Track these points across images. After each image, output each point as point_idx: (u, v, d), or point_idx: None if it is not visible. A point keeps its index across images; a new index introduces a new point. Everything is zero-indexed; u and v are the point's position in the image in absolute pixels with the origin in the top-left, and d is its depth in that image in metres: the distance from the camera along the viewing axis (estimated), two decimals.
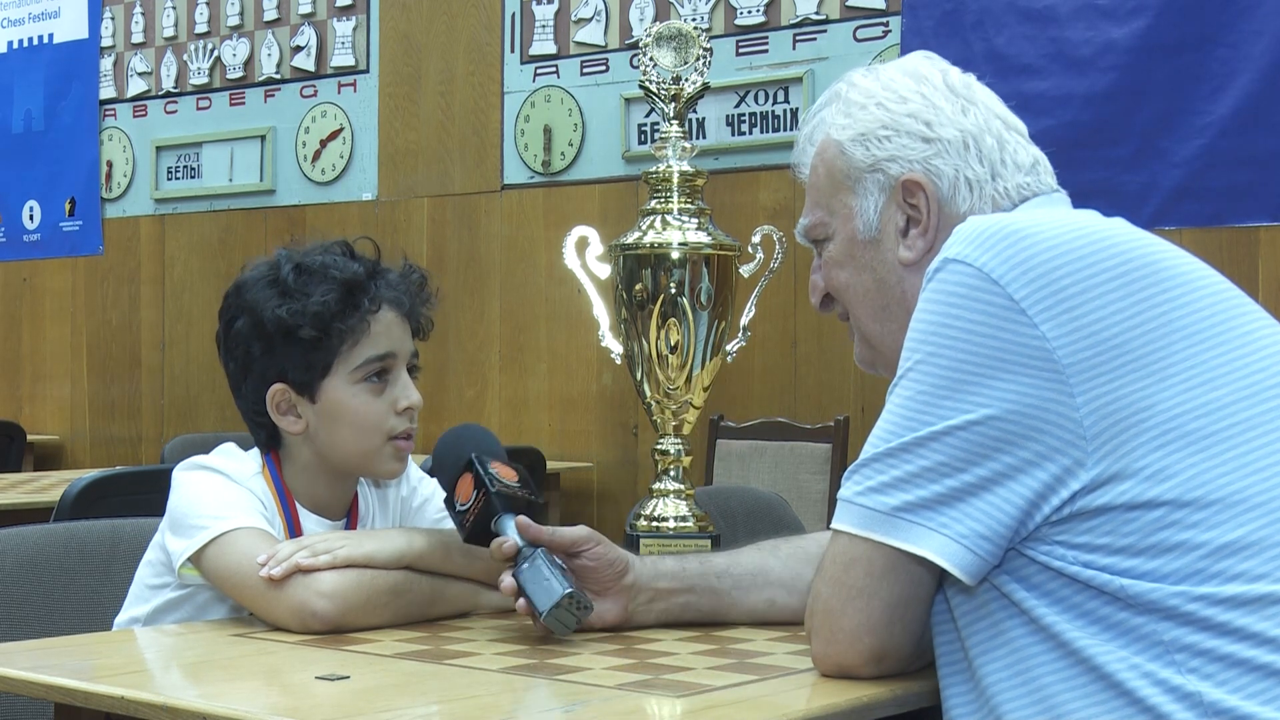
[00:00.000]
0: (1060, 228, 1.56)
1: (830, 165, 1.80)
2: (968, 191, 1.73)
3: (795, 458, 5.07)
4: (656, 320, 2.35)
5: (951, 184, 1.73)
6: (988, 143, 1.74)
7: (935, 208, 1.73)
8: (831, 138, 1.80)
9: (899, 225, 1.75)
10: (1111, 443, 1.48)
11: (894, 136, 1.75)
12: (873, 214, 1.76)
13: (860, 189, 1.77)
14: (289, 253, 2.11)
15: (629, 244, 2.38)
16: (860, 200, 1.77)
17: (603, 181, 5.99)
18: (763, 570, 1.98)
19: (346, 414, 2.07)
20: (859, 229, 1.77)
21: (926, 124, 1.75)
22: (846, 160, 1.78)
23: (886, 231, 1.76)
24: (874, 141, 1.76)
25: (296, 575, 1.88)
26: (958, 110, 1.76)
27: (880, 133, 1.76)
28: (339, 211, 6.65)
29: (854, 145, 1.77)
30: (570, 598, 1.80)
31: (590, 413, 6.00)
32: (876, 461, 1.55)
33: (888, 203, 1.76)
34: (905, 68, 1.81)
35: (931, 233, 1.72)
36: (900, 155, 1.75)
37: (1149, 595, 1.46)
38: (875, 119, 1.77)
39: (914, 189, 1.74)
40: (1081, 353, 1.49)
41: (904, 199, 1.74)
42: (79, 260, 7.47)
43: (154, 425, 7.15)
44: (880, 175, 1.76)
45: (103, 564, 2.35)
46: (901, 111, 1.76)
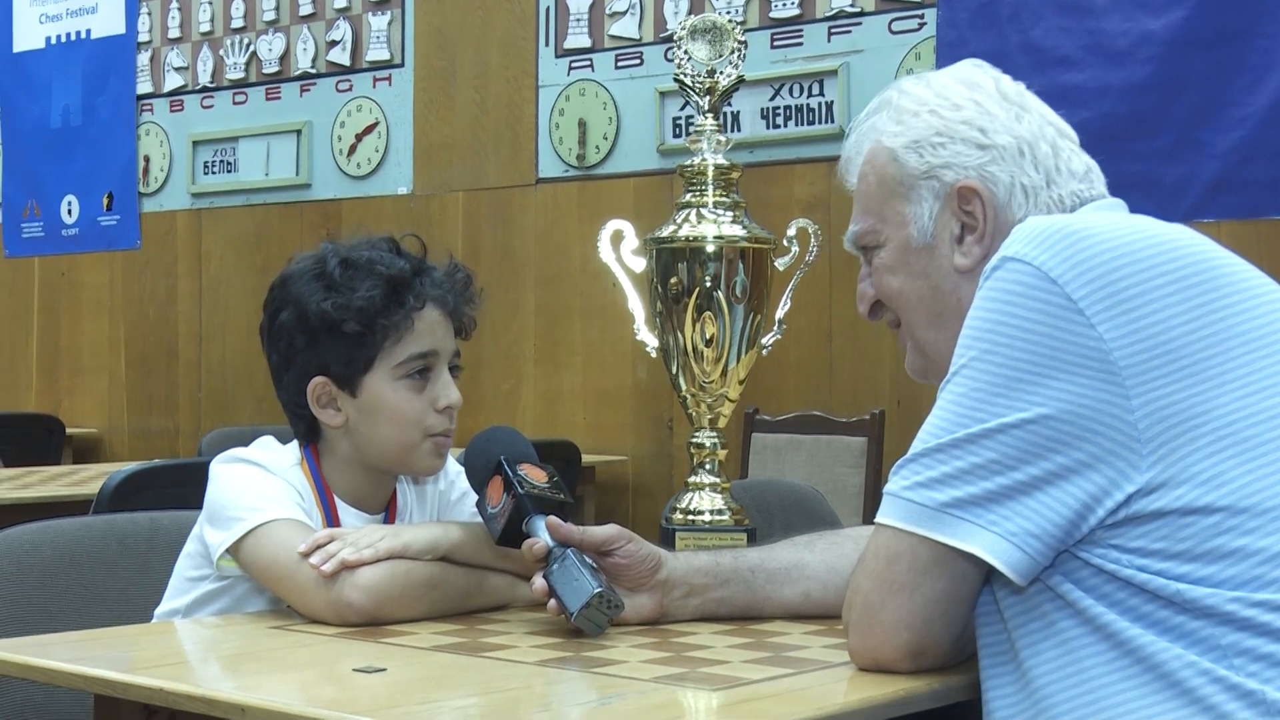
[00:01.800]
0: (1120, 229, 1.55)
1: (882, 172, 1.79)
2: (1023, 198, 1.72)
3: (831, 451, 5.06)
4: (692, 314, 2.35)
5: (1007, 190, 1.73)
6: (1042, 149, 1.74)
7: (991, 214, 1.72)
8: (883, 145, 1.79)
9: (954, 232, 1.74)
10: (1166, 447, 1.47)
11: (948, 143, 1.75)
12: (927, 220, 1.75)
13: (914, 196, 1.76)
14: (335, 247, 2.12)
15: (664, 237, 2.38)
16: (914, 207, 1.76)
17: (637, 175, 5.99)
18: (798, 564, 1.98)
19: (386, 410, 2.08)
20: (913, 236, 1.76)
21: (981, 130, 1.74)
22: (899, 167, 1.77)
23: (941, 238, 1.75)
24: (928, 148, 1.75)
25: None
26: (1012, 117, 1.75)
27: (934, 139, 1.75)
28: (374, 205, 6.66)
29: (907, 152, 1.77)
30: (600, 597, 1.80)
31: (625, 406, 6.00)
32: (926, 456, 1.54)
33: (942, 209, 1.75)
34: (957, 75, 1.81)
35: (987, 239, 1.72)
36: (955, 162, 1.74)
37: (1205, 600, 1.46)
38: (929, 126, 1.76)
39: (970, 195, 1.73)
40: (1138, 355, 1.48)
41: (959, 206, 1.74)
42: (116, 254, 7.51)
43: (191, 418, 7.19)
44: (935, 182, 1.75)
45: (141, 556, 2.36)
46: (956, 118, 1.75)
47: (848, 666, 1.64)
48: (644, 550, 1.92)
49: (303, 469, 2.11)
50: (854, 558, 1.69)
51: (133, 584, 2.34)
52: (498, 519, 1.93)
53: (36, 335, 7.85)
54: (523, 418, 6.17)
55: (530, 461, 1.97)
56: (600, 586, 1.81)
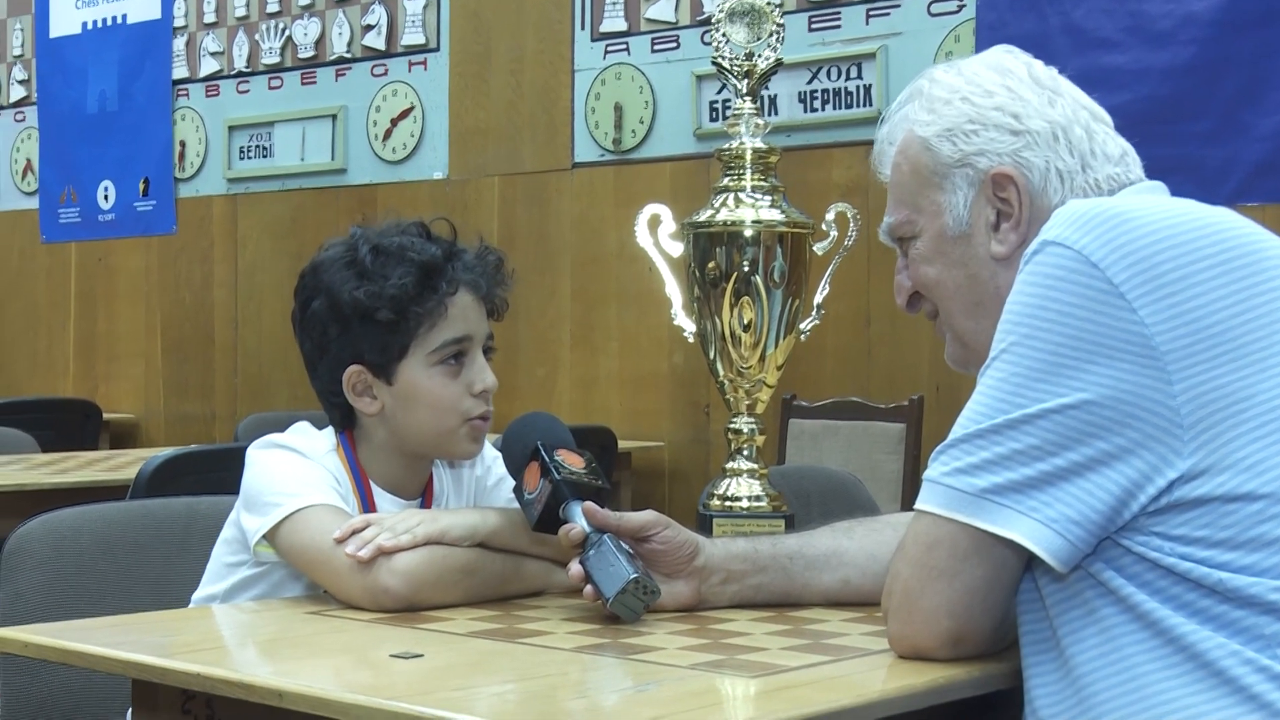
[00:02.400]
0: (1161, 212, 1.54)
1: (915, 162, 1.78)
2: (1059, 183, 1.72)
3: (869, 437, 5.06)
4: (729, 298, 2.34)
5: (1042, 176, 1.72)
6: (1076, 133, 1.73)
7: (1027, 200, 1.72)
8: (915, 134, 1.79)
9: (989, 220, 1.74)
10: (1208, 433, 1.46)
11: (981, 130, 1.74)
12: (962, 209, 1.75)
13: (948, 184, 1.76)
14: (365, 233, 2.12)
15: (701, 222, 2.38)
16: (949, 196, 1.76)
17: (674, 159, 5.98)
18: (836, 551, 1.98)
19: (423, 396, 2.08)
20: (948, 225, 1.76)
21: (1014, 116, 1.73)
22: (933, 156, 1.76)
23: (977, 226, 1.74)
24: (961, 136, 1.75)
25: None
26: (1044, 102, 1.74)
27: (967, 127, 1.75)
28: (410, 190, 6.67)
29: (940, 141, 1.76)
30: (636, 583, 1.80)
31: (662, 392, 6.00)
32: (966, 442, 1.54)
33: (977, 197, 1.74)
34: (988, 61, 1.80)
35: (1024, 226, 1.71)
36: (989, 149, 1.73)
37: (1249, 590, 1.45)
38: (961, 113, 1.75)
39: (1004, 182, 1.72)
40: (1180, 340, 1.47)
41: (994, 193, 1.73)
42: (153, 240, 7.55)
43: (227, 404, 7.22)
44: (969, 170, 1.74)
45: (178, 541, 2.37)
46: (988, 105, 1.75)
47: (887, 654, 1.64)
48: (681, 536, 1.92)
49: (339, 455, 2.11)
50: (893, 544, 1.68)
51: (170, 569, 2.35)
52: (534, 505, 1.93)
53: (73, 321, 7.90)
54: (559, 403, 6.18)
55: (567, 447, 1.98)
56: (637, 572, 1.81)
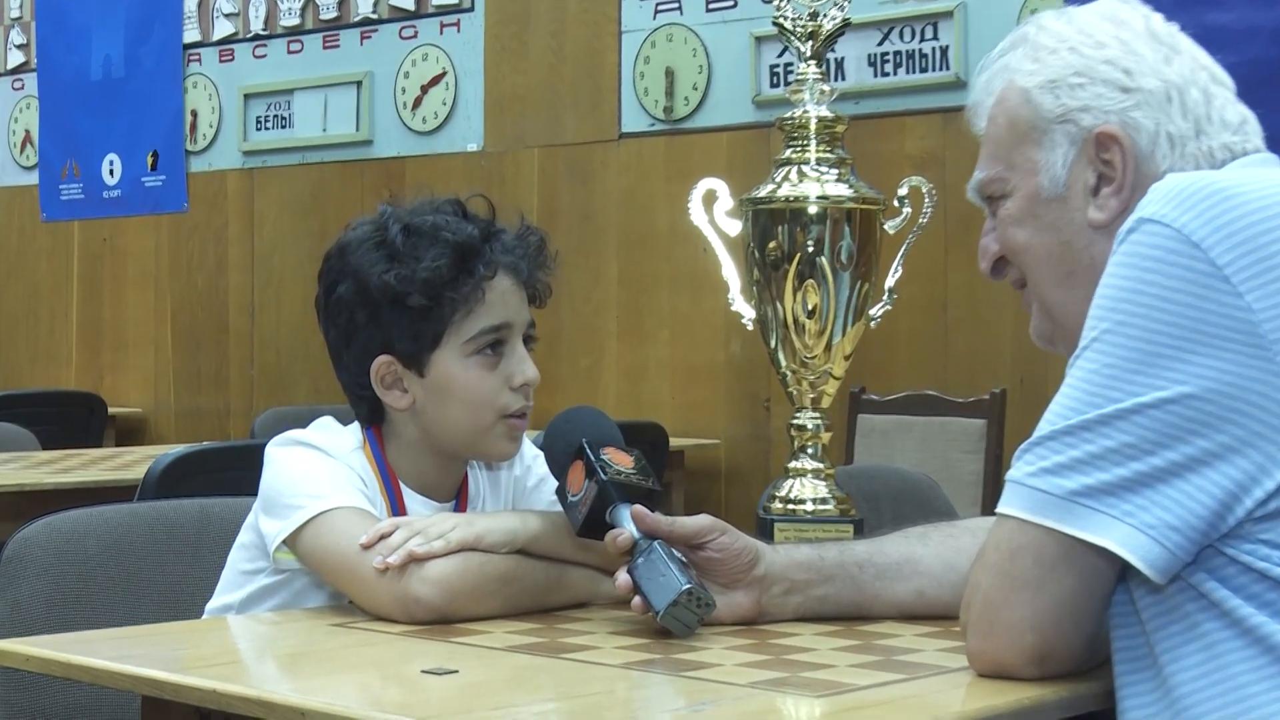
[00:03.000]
0: (1269, 188, 1.53)
1: (1013, 114, 1.78)
2: (1168, 148, 1.71)
3: (945, 434, 5.04)
4: (792, 282, 2.35)
5: (1151, 139, 1.71)
6: (1193, 96, 1.72)
7: (1132, 164, 1.71)
8: (1016, 84, 1.78)
9: (1089, 183, 1.73)
10: None
11: (1088, 84, 1.73)
12: (1060, 169, 1.74)
13: (1047, 141, 1.75)
14: (395, 211, 2.13)
15: (761, 198, 2.38)
16: (1046, 153, 1.75)
17: (731, 129, 5.98)
18: (910, 559, 1.98)
19: (457, 389, 2.09)
20: (1043, 185, 1.75)
21: (1125, 72, 1.72)
22: (1032, 109, 1.76)
23: (1075, 189, 1.74)
24: (1065, 89, 1.74)
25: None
26: (1160, 59, 1.73)
27: (1073, 80, 1.74)
28: (441, 164, 6.70)
29: (1042, 93, 1.75)
30: (689, 594, 1.80)
31: (717, 384, 6.00)
32: (1053, 440, 1.53)
33: (1078, 157, 1.73)
34: (1101, 11, 1.79)
35: (1126, 192, 1.70)
36: (1094, 105, 1.72)
37: None
38: (1067, 64, 1.74)
39: (1109, 143, 1.71)
40: None
41: (1096, 154, 1.72)
42: (162, 218, 7.60)
43: (243, 397, 7.27)
44: (1071, 126, 1.74)
45: (191, 547, 2.39)
46: (1098, 57, 1.74)
47: (966, 672, 1.64)
48: (739, 543, 1.92)
49: (365, 453, 2.13)
50: (972, 552, 1.68)
51: (182, 577, 2.37)
52: (579, 508, 1.94)
53: (76, 306, 7.96)
54: (604, 397, 6.19)
55: (615, 445, 1.98)
56: (690, 582, 1.82)
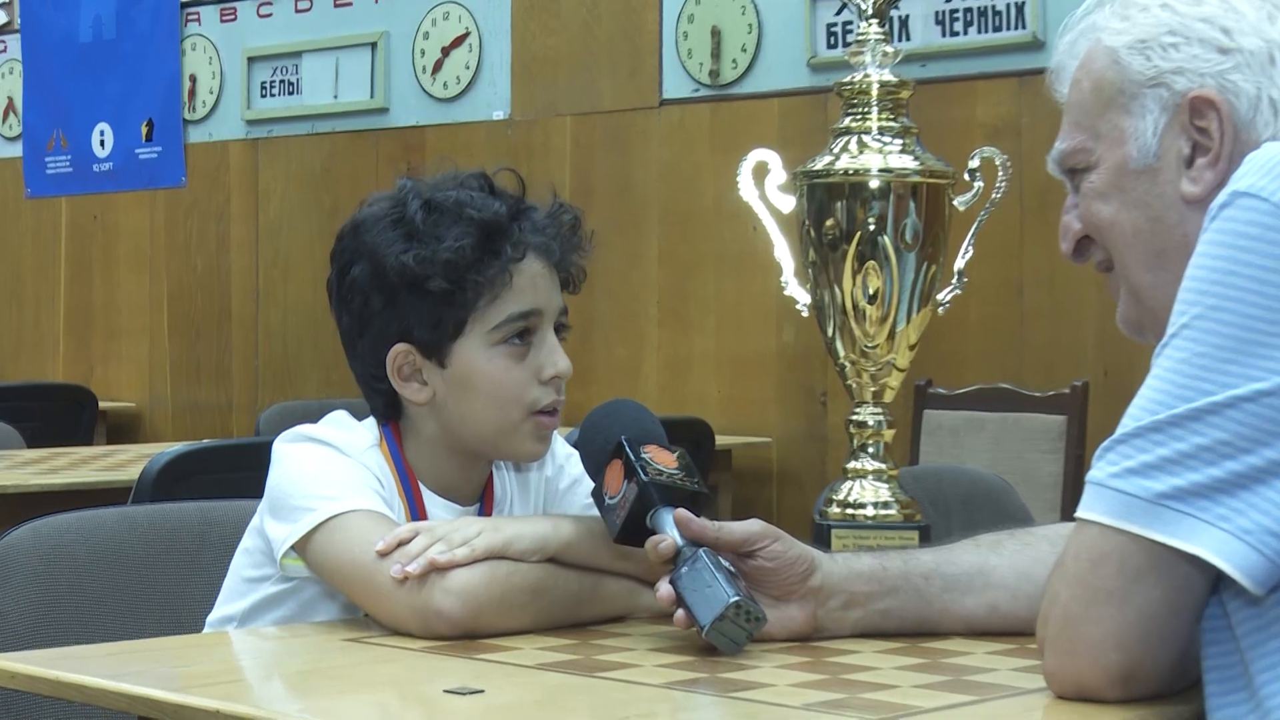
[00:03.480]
0: None
1: (1099, 78, 1.78)
2: (1271, 115, 1.70)
3: (1021, 432, 5.04)
4: (852, 263, 2.35)
5: (1252, 104, 1.70)
6: None
7: (1230, 132, 1.70)
8: (1103, 44, 1.77)
9: (1183, 153, 1.72)
10: None
11: (1183, 44, 1.73)
12: (1150, 137, 1.74)
13: (1136, 106, 1.74)
14: (416, 185, 2.14)
15: (818, 171, 2.38)
16: (1135, 120, 1.74)
17: (784, 94, 5.97)
18: (982, 569, 1.98)
19: (481, 382, 2.10)
20: (1132, 155, 1.75)
21: (1224, 31, 1.72)
22: (1121, 71, 1.75)
23: (1167, 160, 1.73)
24: (1157, 50, 1.74)
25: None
26: (1263, 17, 1.73)
27: (1166, 39, 1.73)
28: (464, 133, 6.71)
29: (1131, 53, 1.75)
30: (737, 608, 1.81)
31: (769, 376, 6.01)
32: (1139, 437, 1.53)
33: (1170, 124, 1.73)
34: None
35: (1223, 163, 1.70)
36: (1189, 67, 1.72)
37: None
38: (1160, 23, 1.74)
39: (1204, 108, 1.71)
40: None
41: (1191, 120, 1.72)
42: (158, 194, 7.64)
43: (247, 390, 7.30)
44: (1163, 90, 1.73)
45: (190, 553, 2.41)
46: (1194, 15, 1.73)
47: (1043, 694, 1.64)
48: (793, 551, 1.93)
49: (382, 451, 2.14)
50: (1049, 562, 1.68)
51: (180, 587, 2.39)
52: (617, 511, 1.95)
53: (64, 291, 8.01)
54: (644, 390, 6.20)
55: (657, 443, 1.98)
56: (738, 594, 1.82)
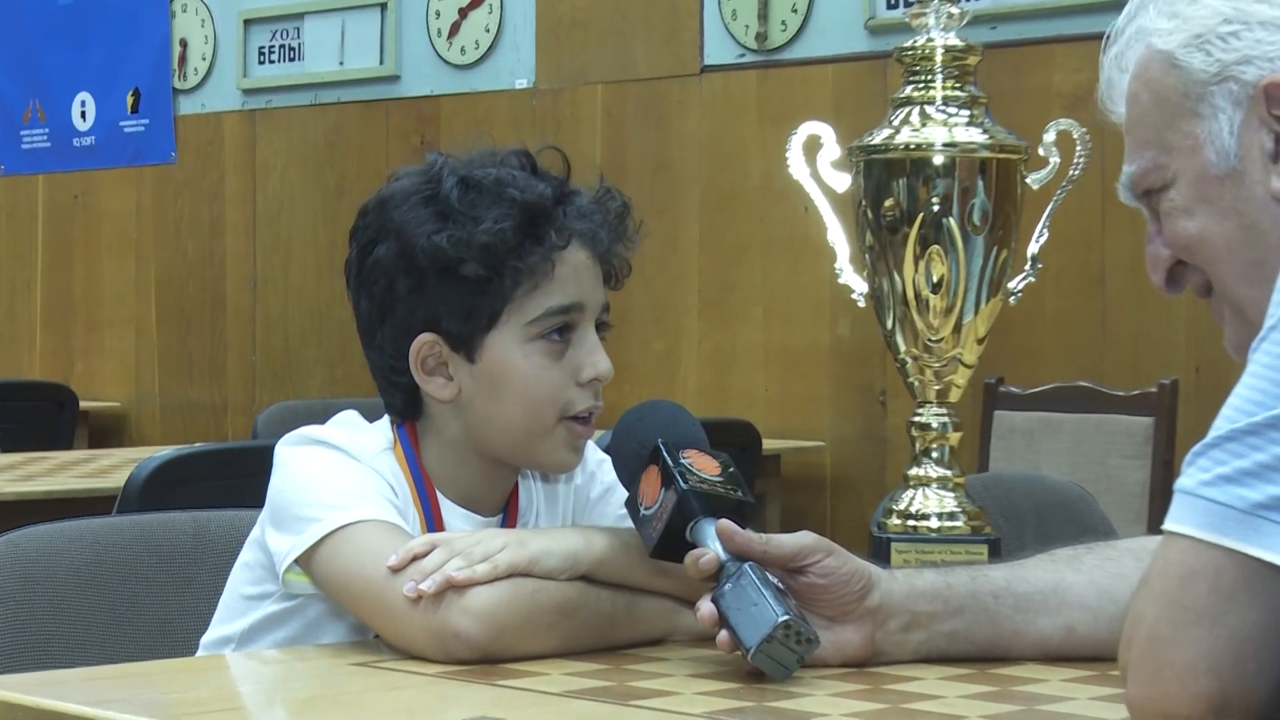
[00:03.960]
0: None
1: (1158, 87, 1.77)
2: None
3: (1103, 435, 5.03)
4: (913, 248, 2.35)
5: None
6: None
7: None
8: (1155, 49, 1.77)
9: (1266, 147, 1.72)
10: None
11: (1243, 31, 1.72)
12: (1228, 137, 1.73)
13: (1205, 108, 1.74)
14: (451, 161, 2.15)
15: (876, 145, 2.39)
16: (1207, 123, 1.74)
17: (839, 60, 5.97)
18: (1058, 587, 1.98)
19: (513, 380, 2.11)
20: (1210, 161, 1.74)
21: None
22: (1181, 75, 1.75)
23: (1249, 158, 1.73)
24: (1216, 42, 1.73)
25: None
26: None
27: (1223, 29, 1.73)
28: (483, 104, 6.72)
29: (1189, 52, 1.75)
30: (787, 628, 1.81)
31: (821, 373, 6.00)
32: (1234, 441, 1.53)
33: (1246, 119, 1.72)
34: None
35: None
36: (1255, 53, 1.72)
37: None
38: (1214, 13, 1.74)
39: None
40: None
41: (1269, 110, 1.71)
42: (145, 171, 7.66)
43: (243, 388, 7.32)
44: (1231, 85, 1.73)
45: (183, 569, 2.42)
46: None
47: None
48: (849, 567, 1.93)
49: (396, 455, 2.15)
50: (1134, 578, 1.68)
51: (172, 605, 2.40)
52: (653, 523, 1.95)
53: (41, 278, 8.04)
54: (683, 389, 6.20)
55: (697, 447, 1.99)
56: (788, 614, 1.83)
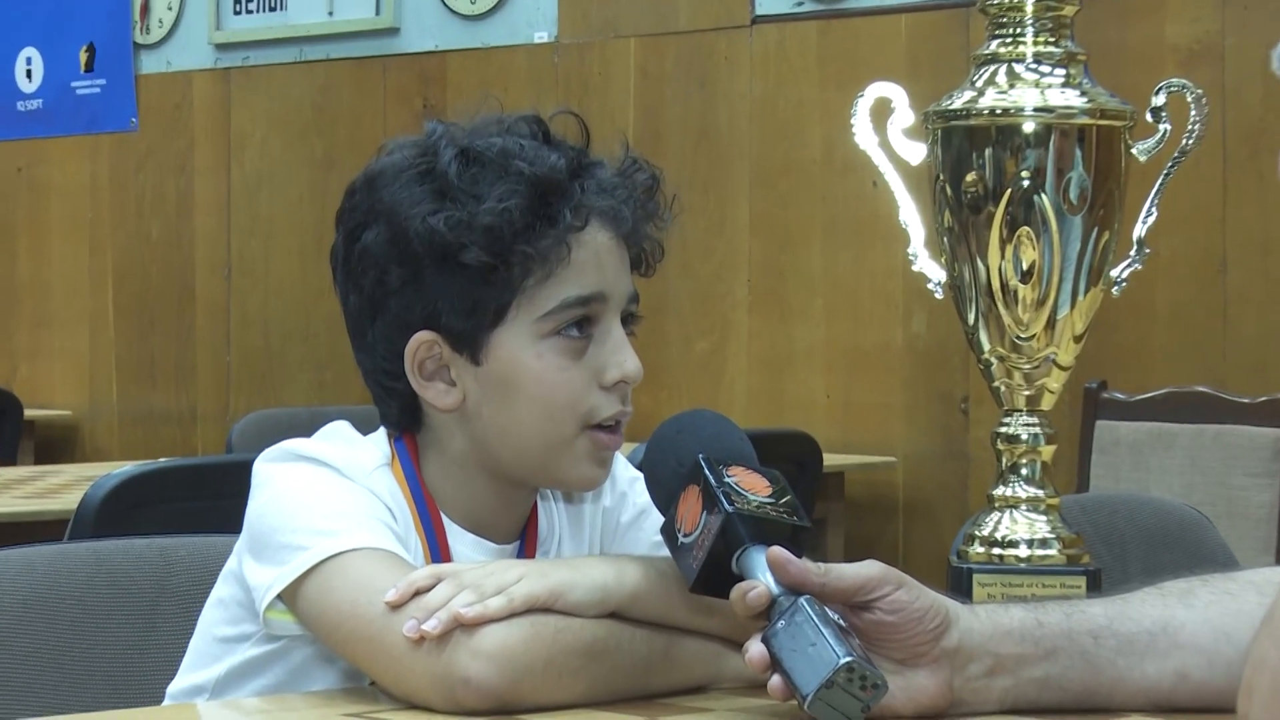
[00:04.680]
0: None
1: None
2: None
3: (1224, 449, 5.02)
4: (1000, 230, 2.35)
5: None
6: None
7: None
8: None
9: None
10: None
11: None
12: None
13: None
14: (450, 130, 2.15)
15: (956, 110, 2.39)
16: None
17: (912, 10, 5.97)
18: (1168, 627, 1.98)
19: (526, 384, 2.11)
20: None
21: None
22: None
23: None
24: None
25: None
26: None
27: None
28: (497, 61, 6.72)
29: None
30: (850, 671, 1.82)
31: (893, 378, 6.00)
32: None
33: None
34: None
35: None
36: None
37: None
38: None
39: None
40: None
41: None
42: (101, 140, 7.67)
43: (216, 395, 7.32)
44: None
45: (147, 605, 2.43)
46: None
47: None
48: (922, 602, 1.93)
49: (394, 472, 2.16)
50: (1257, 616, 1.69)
51: (135, 646, 2.41)
52: (694, 552, 1.96)
53: None
54: (730, 395, 6.20)
55: (745, 464, 1.99)
56: (851, 655, 1.83)
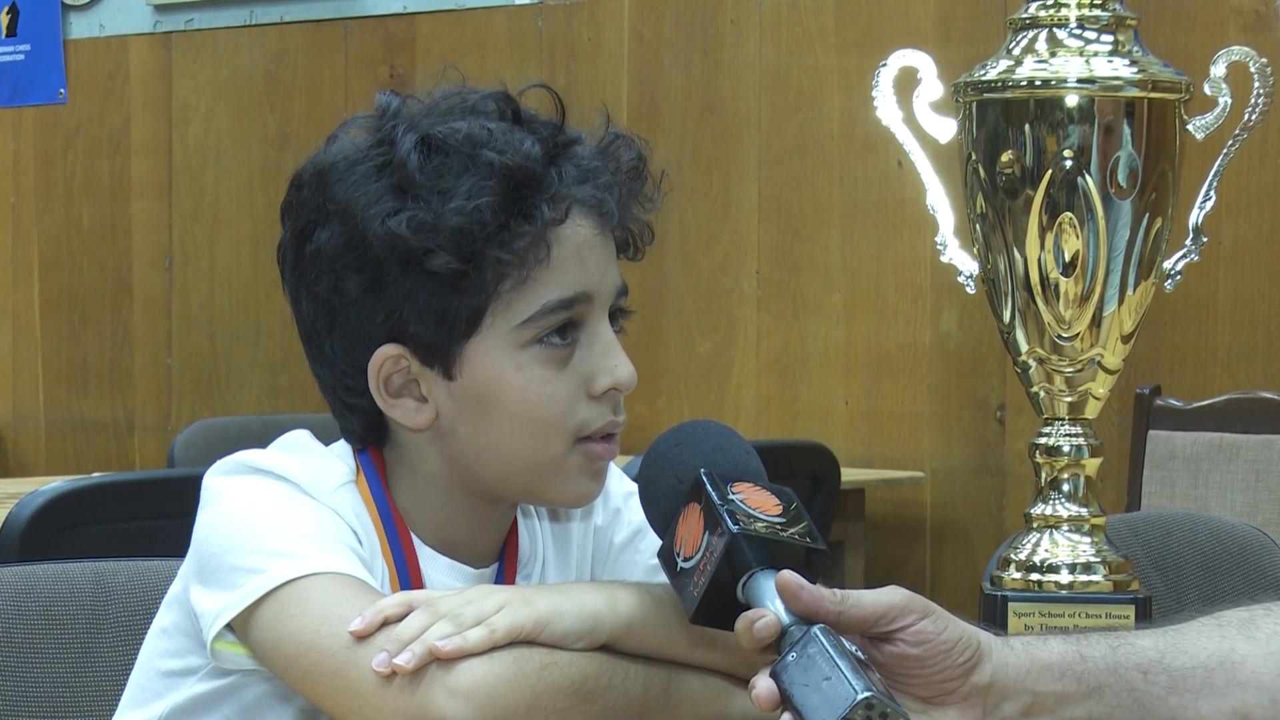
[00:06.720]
0: None
1: None
2: None
3: None
4: (1039, 216, 2.36)
5: None
6: None
7: None
8: None
9: None
10: None
11: None
12: None
13: None
14: (407, 112, 2.15)
15: (990, 81, 2.40)
16: None
17: None
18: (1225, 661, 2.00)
19: (506, 399, 2.12)
20: None
21: None
22: None
23: None
24: None
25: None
26: None
27: None
28: (472, 25, 6.71)
29: None
30: (869, 708, 1.83)
31: (919, 381, 6.01)
32: None
33: None
34: None
35: None
36: None
37: None
38: None
39: None
40: None
41: None
42: (24, 113, 7.67)
43: (155, 402, 7.33)
44: None
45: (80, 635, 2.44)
46: None
47: None
48: (950, 632, 1.95)
49: (359, 489, 2.16)
50: None
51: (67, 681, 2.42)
52: (695, 578, 1.96)
53: None
54: (736, 402, 6.21)
55: (752, 480, 2.00)
56: (870, 690, 1.84)
